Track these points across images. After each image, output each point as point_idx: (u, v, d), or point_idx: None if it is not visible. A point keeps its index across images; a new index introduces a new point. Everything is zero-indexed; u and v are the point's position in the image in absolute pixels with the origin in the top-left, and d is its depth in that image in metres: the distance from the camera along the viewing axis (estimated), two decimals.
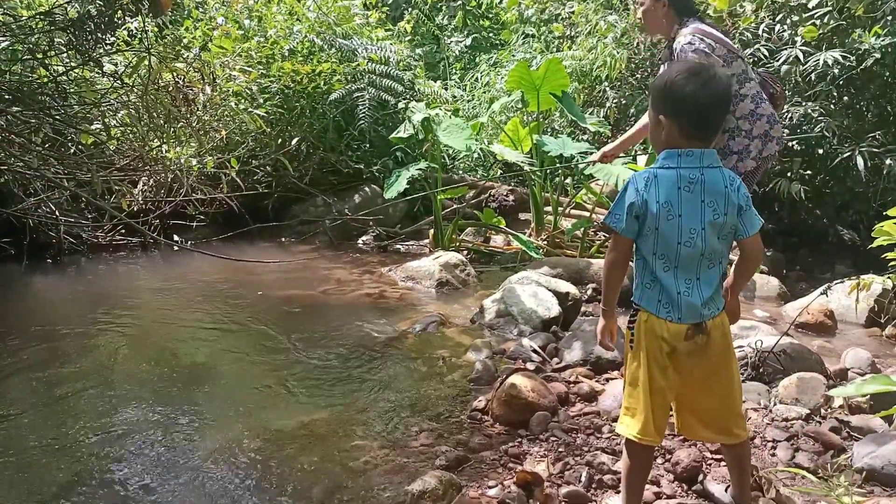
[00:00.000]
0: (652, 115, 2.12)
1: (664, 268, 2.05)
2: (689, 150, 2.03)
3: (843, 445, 2.79)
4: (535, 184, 6.59)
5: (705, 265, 2.06)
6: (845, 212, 6.58)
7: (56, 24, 4.77)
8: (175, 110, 5.72)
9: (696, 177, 2.02)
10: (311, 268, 6.15)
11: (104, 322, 4.52)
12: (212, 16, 7.72)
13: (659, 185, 2.02)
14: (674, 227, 2.01)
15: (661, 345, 2.06)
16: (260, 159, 7.18)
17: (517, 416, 3.04)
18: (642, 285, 2.10)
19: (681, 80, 2.02)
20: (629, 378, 2.14)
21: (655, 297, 2.07)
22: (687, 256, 2.03)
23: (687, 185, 2.01)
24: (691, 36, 3.46)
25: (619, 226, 2.05)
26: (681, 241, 2.02)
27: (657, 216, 2.01)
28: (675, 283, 2.04)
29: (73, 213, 6.25)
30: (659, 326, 2.06)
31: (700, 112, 2.02)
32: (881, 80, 5.92)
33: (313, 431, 3.01)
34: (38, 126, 5.45)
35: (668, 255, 2.04)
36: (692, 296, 2.04)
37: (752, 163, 3.59)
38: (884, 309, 4.58)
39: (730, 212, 2.04)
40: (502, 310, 4.45)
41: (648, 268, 2.08)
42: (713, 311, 2.08)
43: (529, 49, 9.33)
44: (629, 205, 2.03)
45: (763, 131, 3.58)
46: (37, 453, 2.84)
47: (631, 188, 2.05)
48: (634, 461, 2.19)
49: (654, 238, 2.04)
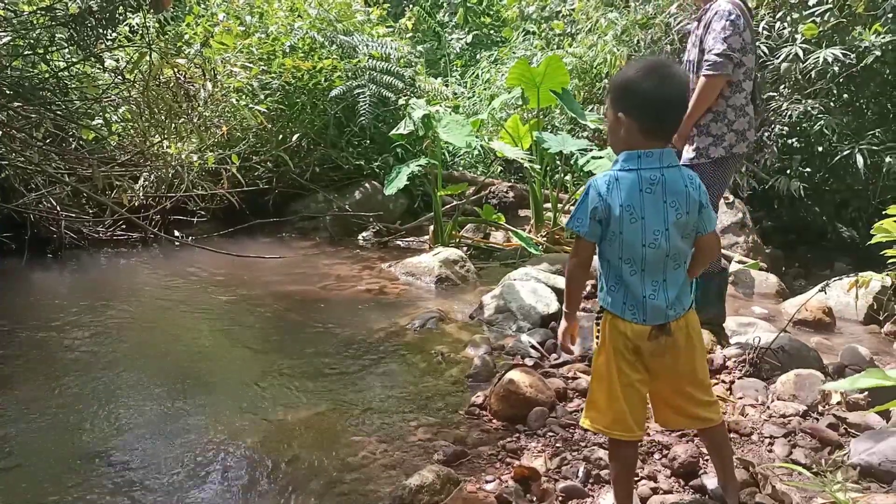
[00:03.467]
0: (610, 113, 2.10)
1: (630, 272, 2.05)
2: (649, 150, 2.02)
3: (841, 442, 2.80)
4: (534, 180, 6.60)
5: (671, 266, 2.06)
6: (844, 209, 6.60)
7: (57, 19, 4.78)
8: (176, 106, 5.73)
9: (657, 177, 2.01)
10: (311, 263, 6.16)
11: (104, 317, 4.53)
12: (213, 12, 7.72)
13: (620, 187, 2.01)
14: (637, 229, 2.01)
15: (626, 342, 2.07)
16: (261, 155, 7.18)
17: (515, 411, 3.05)
18: (607, 288, 2.11)
19: (639, 76, 2.02)
20: (594, 373, 2.16)
21: (620, 300, 2.07)
22: (652, 258, 2.03)
23: (648, 186, 2.01)
24: (732, 6, 3.48)
25: (583, 230, 2.04)
26: (645, 244, 2.02)
27: (620, 219, 2.00)
28: (641, 286, 2.05)
29: (74, 209, 6.26)
30: (623, 325, 2.07)
31: (658, 109, 2.02)
32: (881, 77, 5.93)
33: (312, 426, 3.02)
34: (39, 121, 5.46)
35: (633, 259, 2.04)
36: (658, 298, 2.05)
37: (721, 151, 3.59)
38: (882, 306, 4.59)
39: (691, 210, 2.04)
40: (501, 306, 4.46)
41: (614, 271, 2.08)
42: (679, 311, 2.09)
43: (530, 46, 9.33)
44: (592, 209, 2.02)
45: (742, 129, 3.60)
46: (37, 446, 2.85)
47: (592, 192, 2.03)
48: (615, 457, 2.23)
49: (618, 242, 2.03)
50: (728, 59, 3.44)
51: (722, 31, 3.44)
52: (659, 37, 7.23)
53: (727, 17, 3.46)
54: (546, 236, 6.51)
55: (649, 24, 7.36)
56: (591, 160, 5.57)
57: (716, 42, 3.44)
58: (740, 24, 3.47)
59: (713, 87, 3.51)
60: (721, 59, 3.42)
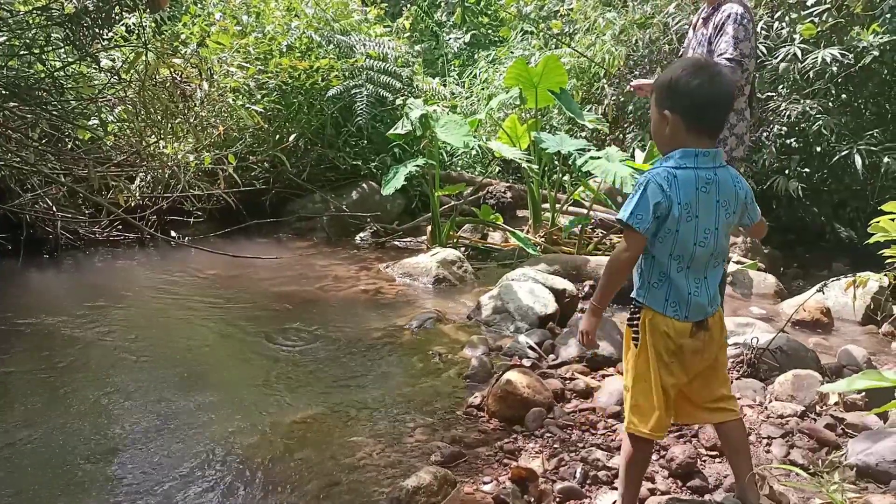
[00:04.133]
0: (656, 111, 2.11)
1: (678, 268, 2.06)
2: (706, 150, 2.04)
3: (838, 442, 2.80)
4: (532, 181, 6.59)
5: (713, 264, 2.10)
6: (843, 209, 6.60)
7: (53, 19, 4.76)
8: (172, 106, 5.71)
9: (712, 177, 2.04)
10: (308, 264, 6.15)
11: (101, 318, 4.51)
12: (210, 11, 7.70)
13: (679, 185, 2.01)
14: (691, 228, 2.02)
15: (667, 342, 2.07)
16: (257, 155, 7.17)
17: (513, 412, 3.04)
18: (648, 285, 2.10)
19: (686, 75, 2.03)
20: (635, 375, 2.14)
21: (662, 297, 2.07)
22: (700, 257, 2.05)
23: (704, 185, 2.03)
24: (744, 10, 3.48)
25: (644, 226, 2.00)
26: (696, 242, 2.03)
27: (678, 218, 2.01)
28: (686, 283, 2.06)
29: (71, 209, 6.23)
30: (665, 324, 2.07)
31: (706, 108, 2.04)
32: (879, 77, 5.93)
33: (309, 427, 3.01)
34: (35, 121, 5.44)
35: (683, 256, 2.05)
36: (701, 295, 2.07)
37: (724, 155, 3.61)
38: (880, 306, 4.59)
39: (738, 210, 2.10)
40: (499, 306, 4.45)
41: (659, 268, 2.08)
42: (715, 307, 2.12)
43: (528, 46, 9.32)
44: (655, 204, 1.99)
45: (742, 132, 3.61)
46: (33, 448, 2.84)
47: (653, 187, 2.01)
48: (638, 454, 2.19)
49: (672, 239, 2.03)
50: (739, 64, 3.45)
51: (735, 36, 3.44)
52: (657, 36, 7.23)
53: (741, 20, 3.46)
54: (544, 237, 6.50)
55: (647, 24, 7.36)
56: (589, 160, 5.56)
57: (729, 46, 3.44)
58: (750, 28, 3.49)
59: None
60: (733, 64, 3.43)
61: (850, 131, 5.91)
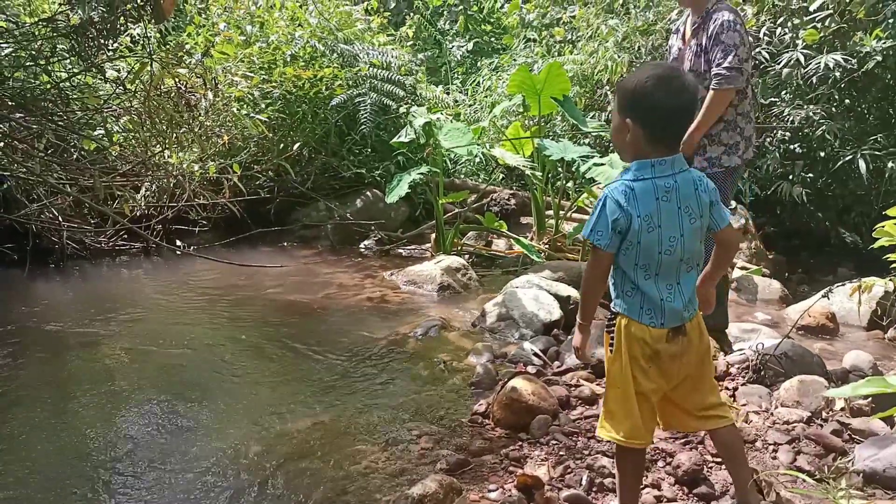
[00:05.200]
0: (617, 117, 2.09)
1: (645, 276, 2.06)
2: (661, 159, 2.02)
3: (845, 448, 2.79)
4: (536, 188, 6.59)
5: (684, 269, 2.09)
6: (847, 214, 6.58)
7: (59, 30, 4.80)
8: (177, 116, 5.74)
9: (671, 185, 2.03)
10: (312, 272, 6.16)
11: (107, 327, 4.53)
12: (214, 22, 7.74)
13: (637, 197, 2.01)
14: (654, 238, 2.02)
15: (644, 348, 2.08)
16: (262, 164, 7.19)
17: (518, 419, 3.04)
18: (623, 294, 2.11)
19: (650, 85, 1.99)
20: (609, 381, 2.17)
21: (637, 304, 2.08)
22: (667, 264, 2.05)
23: (664, 194, 2.02)
24: (735, 16, 3.51)
25: (603, 242, 2.03)
26: (661, 251, 2.03)
27: (639, 230, 2.00)
28: (657, 290, 2.06)
29: (76, 219, 6.27)
30: (640, 330, 2.07)
31: (668, 119, 2.02)
32: (883, 82, 5.92)
33: (314, 435, 3.01)
34: (40, 132, 5.47)
35: (649, 265, 2.05)
36: (674, 300, 2.07)
37: (737, 160, 3.65)
38: (886, 311, 4.58)
39: (704, 213, 2.08)
40: (504, 313, 4.45)
41: (628, 278, 2.08)
42: (692, 312, 2.12)
43: (531, 53, 9.34)
44: (613, 220, 2.00)
45: (750, 134, 3.63)
46: (40, 457, 2.85)
47: (611, 203, 2.01)
48: (623, 464, 2.23)
49: (635, 251, 2.03)
50: (739, 71, 3.47)
51: (731, 43, 3.47)
52: (660, 43, 7.23)
53: (734, 27, 3.49)
54: (548, 244, 6.50)
55: (650, 31, 7.37)
56: (592, 167, 5.57)
57: (726, 54, 3.47)
58: (743, 32, 3.50)
59: (724, 100, 3.53)
60: (732, 72, 3.46)
61: (853, 136, 5.90)
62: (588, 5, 8.28)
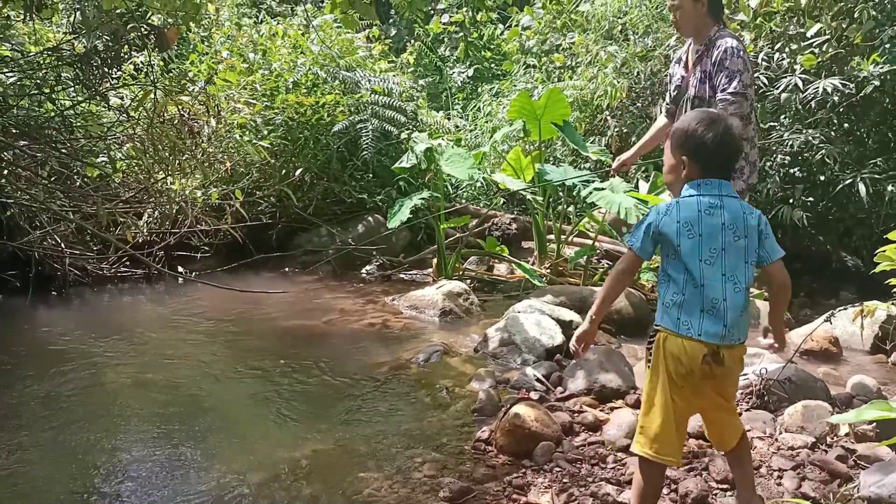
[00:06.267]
0: (671, 155, 2.33)
1: (693, 285, 2.17)
2: (708, 179, 2.23)
3: (850, 474, 2.77)
4: (537, 212, 6.61)
5: (731, 288, 2.17)
6: (848, 238, 6.58)
7: (63, 59, 4.86)
8: (180, 142, 5.79)
9: (716, 203, 2.20)
10: (314, 298, 6.16)
11: (108, 354, 4.52)
12: (217, 49, 7.82)
13: (680, 208, 2.21)
14: (694, 244, 2.17)
15: (678, 366, 2.17)
16: (264, 190, 7.22)
17: (521, 446, 3.02)
18: (663, 306, 2.23)
19: (702, 128, 2.24)
20: (646, 397, 2.26)
21: (675, 315, 2.18)
22: (710, 275, 2.16)
23: (707, 208, 2.20)
24: (739, 43, 3.57)
25: (635, 244, 2.26)
26: (701, 258, 2.16)
27: (678, 233, 2.18)
28: (701, 300, 2.16)
29: (79, 246, 6.28)
30: (677, 346, 2.16)
31: (718, 156, 2.25)
32: (881, 106, 5.95)
33: (316, 463, 3.00)
34: (44, 159, 5.51)
35: (692, 273, 2.17)
36: (716, 315, 2.15)
37: (742, 184, 3.68)
38: (889, 335, 4.56)
39: (750, 235, 2.21)
40: (506, 339, 4.44)
41: (674, 285, 2.20)
42: (736, 338, 2.18)
43: (531, 79, 9.41)
44: (647, 225, 2.24)
45: (755, 159, 3.66)
46: (40, 487, 2.83)
47: (652, 213, 2.26)
48: (648, 483, 2.26)
49: (677, 256, 2.19)
50: (743, 96, 3.53)
51: (736, 69, 3.53)
52: (658, 69, 7.30)
53: (738, 53, 3.55)
54: (550, 268, 6.50)
55: (649, 57, 7.44)
56: (593, 192, 5.58)
57: (731, 80, 3.52)
58: (746, 59, 3.56)
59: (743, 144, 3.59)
60: (737, 97, 3.51)
61: (853, 160, 5.92)
62: (587, 32, 8.36)
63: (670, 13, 3.83)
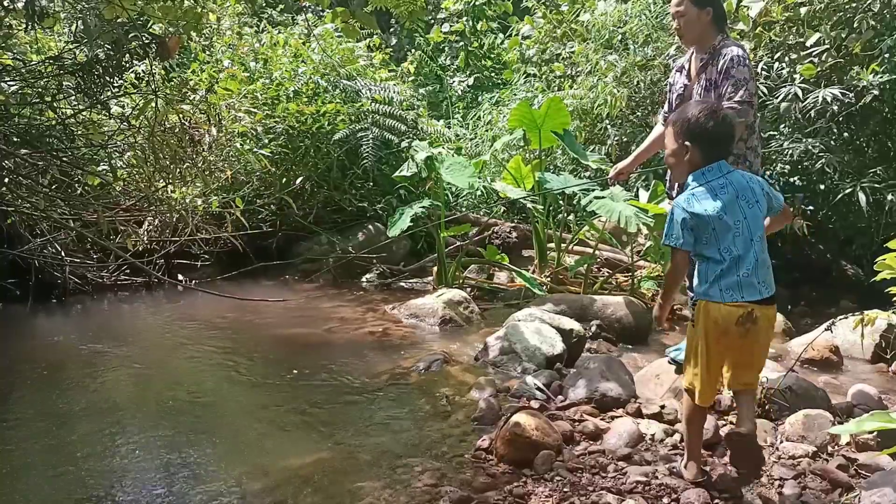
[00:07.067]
0: (675, 142, 2.69)
1: (730, 256, 2.54)
2: (709, 166, 2.62)
3: (851, 483, 2.77)
4: (537, 221, 6.62)
5: (759, 249, 2.58)
6: (848, 247, 6.58)
7: (65, 67, 4.86)
8: (181, 151, 5.80)
9: (724, 182, 2.59)
10: (314, 306, 6.16)
11: (108, 362, 4.52)
12: (218, 58, 7.84)
13: (699, 199, 2.57)
14: (725, 224, 2.55)
15: (716, 328, 2.57)
16: (264, 198, 7.23)
17: (521, 455, 3.01)
18: (708, 283, 2.59)
19: (703, 116, 2.63)
20: (687, 350, 2.72)
21: (717, 289, 2.56)
22: (742, 244, 2.55)
23: (720, 190, 2.58)
24: (743, 52, 3.59)
25: (678, 242, 2.59)
26: (733, 233, 2.55)
27: (709, 220, 2.54)
28: (737, 269, 2.55)
29: (79, 254, 6.29)
30: (716, 311, 2.57)
31: (718, 141, 2.65)
32: (880, 116, 5.96)
33: (316, 471, 2.99)
34: (45, 168, 5.51)
35: (727, 247, 2.55)
36: (751, 276, 2.55)
37: None
38: (889, 344, 4.56)
39: (760, 198, 2.60)
40: (506, 347, 4.43)
41: (713, 264, 2.57)
42: (769, 290, 2.60)
43: (531, 88, 9.43)
44: (681, 221, 2.57)
45: (757, 168, 3.66)
46: (39, 491, 2.83)
47: (678, 210, 2.59)
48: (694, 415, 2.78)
49: (714, 238, 2.56)
50: (749, 105, 3.54)
51: (742, 78, 3.54)
52: (658, 78, 7.31)
53: (743, 62, 3.56)
54: (550, 276, 6.50)
55: (649, 66, 7.45)
56: (593, 200, 5.59)
57: (737, 89, 3.53)
58: (751, 66, 3.58)
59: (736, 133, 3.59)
60: (743, 105, 3.52)
61: (853, 169, 5.92)
62: (587, 41, 8.38)
63: (673, 21, 3.83)
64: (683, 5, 3.72)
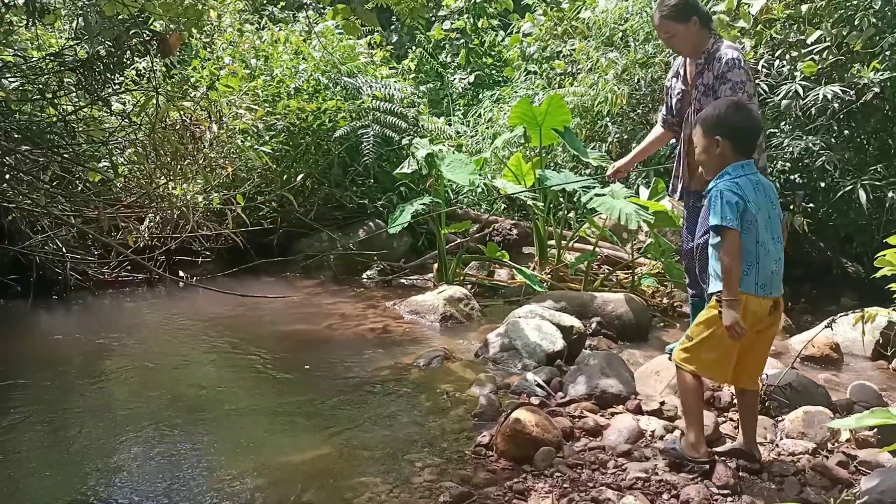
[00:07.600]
0: (707, 138, 2.81)
1: (764, 252, 2.68)
2: (747, 161, 2.76)
3: (851, 480, 2.77)
4: (538, 218, 6.62)
5: (780, 248, 2.74)
6: (849, 244, 6.58)
7: (66, 64, 4.86)
8: (182, 148, 5.79)
9: (756, 180, 2.75)
10: (315, 303, 6.17)
11: (108, 358, 4.53)
12: (219, 55, 7.83)
13: (743, 188, 2.68)
14: (762, 217, 2.68)
15: (753, 318, 2.66)
16: (265, 195, 7.23)
17: (521, 451, 3.02)
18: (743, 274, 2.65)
19: (731, 112, 2.80)
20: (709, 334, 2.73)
21: (752, 281, 2.67)
22: (769, 241, 2.70)
23: (756, 185, 2.72)
24: (738, 52, 3.60)
25: (734, 223, 2.62)
26: (766, 229, 2.69)
27: (753, 211, 2.65)
28: (768, 262, 2.69)
29: (80, 250, 6.28)
30: (756, 304, 2.67)
31: (747, 135, 2.81)
32: (881, 113, 5.96)
33: (316, 467, 3.00)
34: (46, 164, 5.52)
35: (763, 242, 2.67)
36: (777, 272, 2.73)
37: None
38: (889, 341, 4.56)
39: (777, 203, 2.78)
40: (506, 344, 4.44)
41: (748, 255, 2.66)
42: (780, 290, 2.77)
43: (531, 85, 9.42)
44: (735, 203, 2.64)
45: (763, 165, 3.67)
46: (41, 492, 2.83)
47: (727, 193, 2.65)
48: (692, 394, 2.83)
49: (754, 229, 2.66)
50: None
51: (739, 80, 3.55)
52: (659, 75, 7.30)
53: (739, 64, 3.56)
54: (550, 273, 6.50)
55: (649, 63, 7.45)
56: (594, 197, 5.59)
57: (735, 91, 3.54)
58: (748, 68, 3.58)
59: None
60: None
61: (853, 167, 5.92)
62: (588, 38, 8.37)
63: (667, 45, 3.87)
64: (669, 29, 3.74)
